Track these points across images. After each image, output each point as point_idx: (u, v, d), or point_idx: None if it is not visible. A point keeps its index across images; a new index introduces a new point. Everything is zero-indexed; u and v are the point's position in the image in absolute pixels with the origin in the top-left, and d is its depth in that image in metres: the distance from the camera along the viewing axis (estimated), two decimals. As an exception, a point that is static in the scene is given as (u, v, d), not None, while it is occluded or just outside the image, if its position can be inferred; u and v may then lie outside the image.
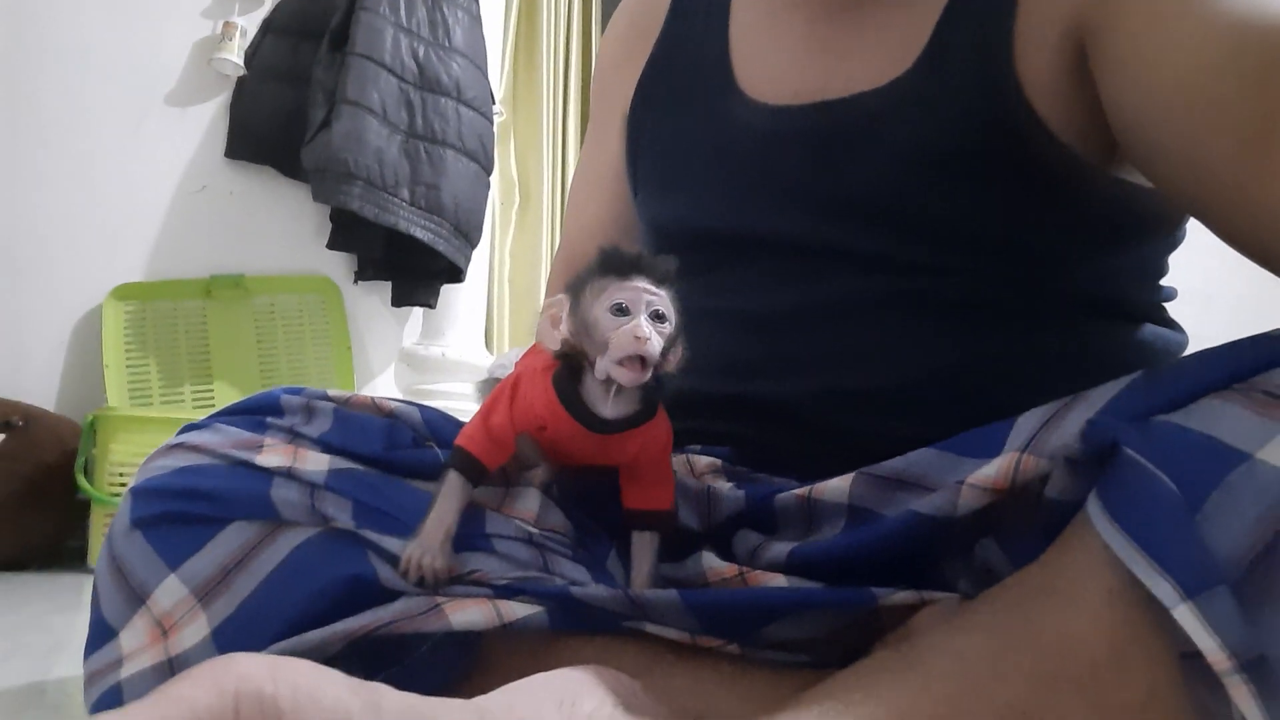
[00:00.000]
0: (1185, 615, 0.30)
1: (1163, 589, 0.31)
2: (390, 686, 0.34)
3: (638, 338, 0.46)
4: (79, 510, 1.65)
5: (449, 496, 0.50)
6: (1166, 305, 0.65)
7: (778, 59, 0.64)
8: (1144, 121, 0.49)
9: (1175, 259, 0.65)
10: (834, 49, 0.61)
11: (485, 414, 0.52)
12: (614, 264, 0.49)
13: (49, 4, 1.89)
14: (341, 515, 0.50)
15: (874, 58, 0.58)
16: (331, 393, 0.57)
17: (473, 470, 0.51)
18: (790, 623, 0.47)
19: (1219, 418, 0.35)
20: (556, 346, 0.50)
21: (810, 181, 0.60)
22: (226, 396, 1.92)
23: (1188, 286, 0.68)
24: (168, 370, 1.90)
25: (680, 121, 0.68)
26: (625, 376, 0.47)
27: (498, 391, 0.53)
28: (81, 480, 1.60)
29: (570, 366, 0.50)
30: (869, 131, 0.57)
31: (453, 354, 2.13)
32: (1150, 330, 0.61)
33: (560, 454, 0.54)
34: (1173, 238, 0.62)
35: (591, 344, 0.48)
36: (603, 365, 0.47)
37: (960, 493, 0.44)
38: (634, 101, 0.72)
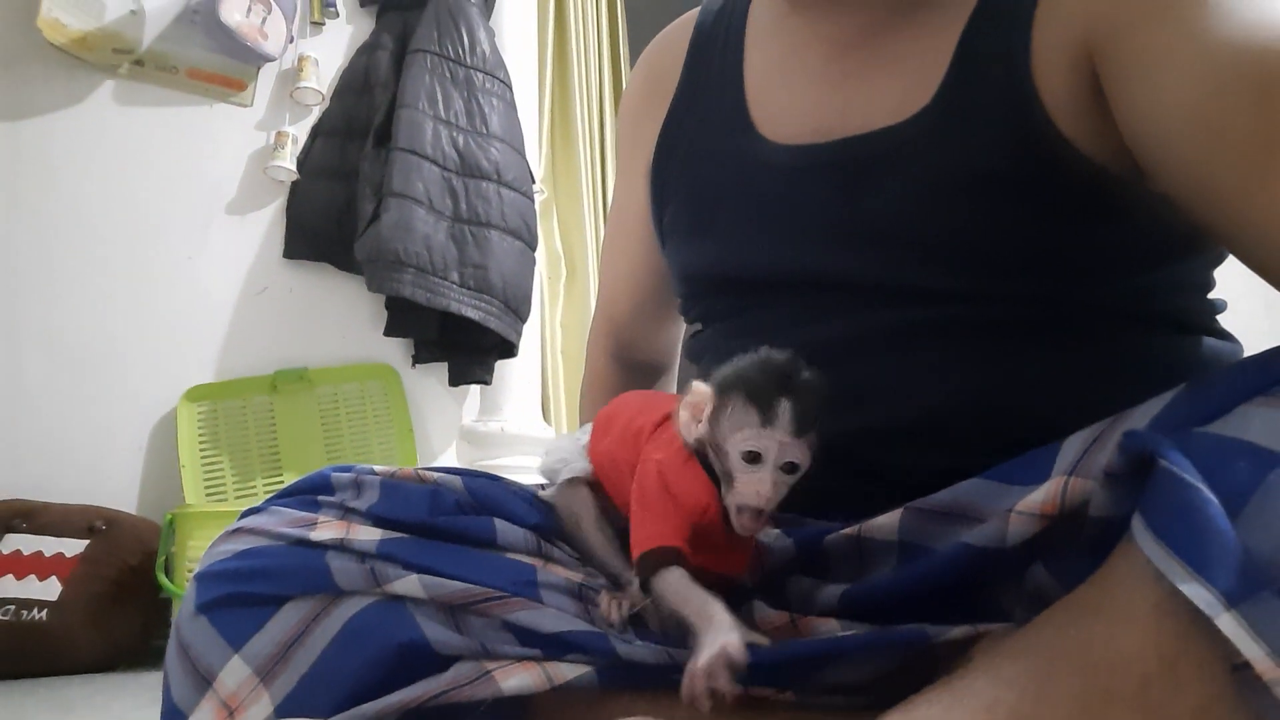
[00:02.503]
0: (1229, 624, 0.29)
1: (1204, 598, 0.30)
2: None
3: (759, 493, 0.46)
4: (163, 609, 1.70)
5: (695, 590, 0.46)
6: (1218, 318, 0.63)
7: (795, 97, 0.64)
8: (1151, 142, 0.49)
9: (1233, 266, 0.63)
10: (852, 83, 0.61)
11: (659, 512, 0.49)
12: (762, 396, 0.47)
13: (119, 126, 2.02)
14: (404, 581, 0.51)
15: (893, 90, 0.59)
16: (378, 468, 0.59)
17: (684, 563, 0.48)
18: (844, 667, 0.46)
19: (1252, 422, 0.34)
20: (691, 441, 0.50)
21: (835, 218, 0.60)
22: (296, 487, 1.96)
23: (1245, 290, 0.66)
24: (240, 466, 1.97)
25: (702, 169, 0.69)
26: (743, 525, 0.47)
27: (655, 489, 0.50)
28: (162, 578, 1.65)
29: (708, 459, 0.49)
30: (893, 165, 0.58)
31: (511, 428, 2.16)
32: (1199, 341, 0.59)
33: (700, 535, 0.52)
34: (1218, 251, 0.61)
35: (720, 466, 0.48)
36: (729, 500, 0.47)
37: (1009, 521, 0.44)
38: (656, 153, 0.73)
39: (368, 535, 0.54)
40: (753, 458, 0.46)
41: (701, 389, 0.49)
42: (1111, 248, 0.55)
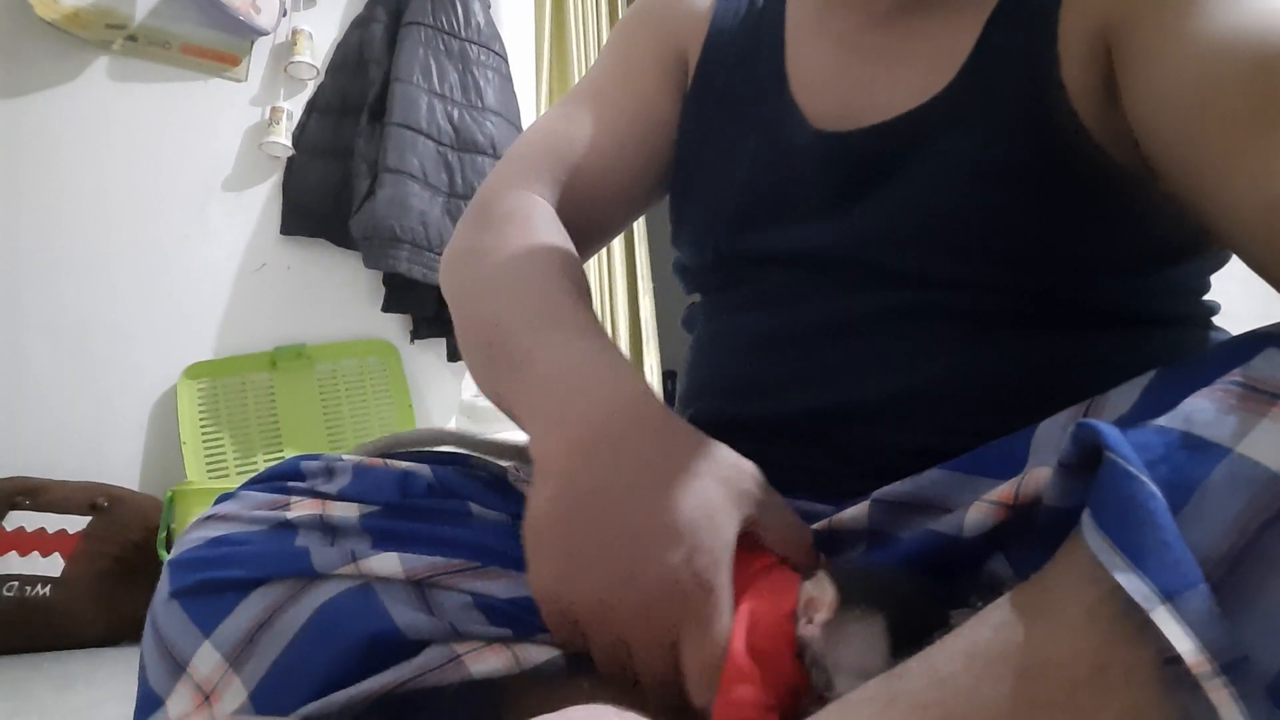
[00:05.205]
0: (1164, 617, 0.29)
1: (1141, 590, 0.30)
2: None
3: None
4: (165, 583, 1.72)
5: None
6: (1213, 319, 0.62)
7: (828, 66, 0.64)
8: (1150, 123, 0.49)
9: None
10: (881, 59, 0.61)
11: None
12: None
13: (113, 103, 2.02)
14: (377, 558, 0.51)
15: (920, 69, 0.58)
16: (347, 455, 0.59)
17: None
18: None
19: (1201, 414, 0.34)
20: (802, 635, 0.42)
21: (842, 199, 0.59)
22: (297, 463, 1.98)
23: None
24: (241, 442, 1.98)
25: (729, 128, 0.67)
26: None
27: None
28: (163, 554, 1.67)
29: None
30: (908, 148, 0.57)
31: (510, 404, 2.17)
32: (1189, 334, 0.59)
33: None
34: (1218, 256, 0.60)
35: (810, 665, 0.41)
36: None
37: (969, 508, 0.44)
38: (693, 89, 0.71)
39: (345, 511, 0.55)
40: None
41: (825, 589, 0.42)
42: (1116, 248, 0.55)
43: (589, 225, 0.72)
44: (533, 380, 0.53)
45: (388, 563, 0.51)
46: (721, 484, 0.45)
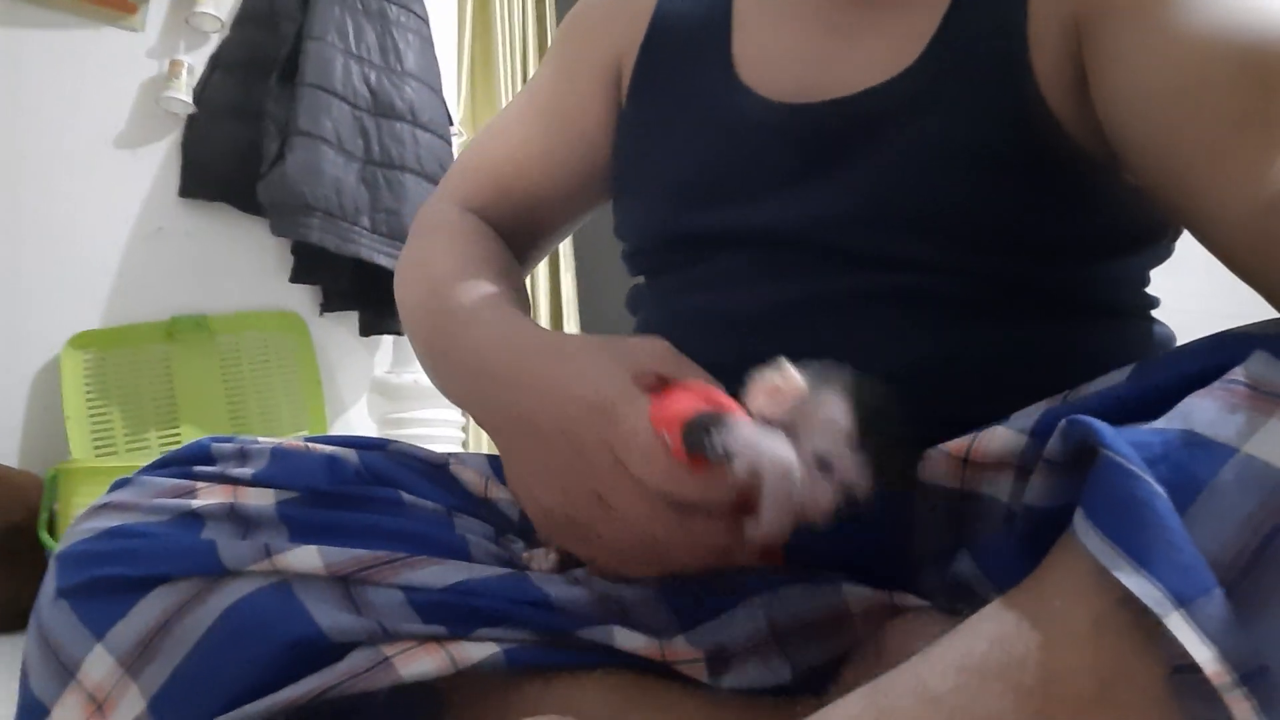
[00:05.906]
0: (1179, 624, 0.28)
1: (1153, 596, 0.28)
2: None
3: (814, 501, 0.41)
4: (47, 570, 1.60)
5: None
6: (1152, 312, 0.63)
7: (782, 44, 0.61)
8: (1128, 120, 0.48)
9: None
10: (842, 36, 0.59)
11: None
12: (876, 425, 0.41)
13: (-10, 52, 1.85)
14: (294, 553, 0.47)
15: (883, 48, 0.56)
16: (262, 439, 0.54)
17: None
18: (755, 611, 0.45)
19: (1202, 413, 0.33)
20: (771, 413, 0.43)
21: (804, 178, 0.57)
22: (195, 440, 1.88)
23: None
24: (132, 418, 1.86)
25: (673, 110, 0.65)
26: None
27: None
28: (45, 537, 1.56)
29: None
30: (872, 128, 0.55)
31: (425, 380, 2.10)
32: (1139, 327, 0.60)
33: None
34: (1168, 248, 0.61)
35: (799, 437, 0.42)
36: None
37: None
38: (634, 79, 0.68)
39: (260, 499, 0.50)
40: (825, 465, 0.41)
41: (789, 375, 0.42)
42: (1078, 235, 0.55)
43: (529, 237, 0.74)
44: (462, 373, 0.55)
45: (306, 557, 0.47)
46: (599, 352, 0.48)
